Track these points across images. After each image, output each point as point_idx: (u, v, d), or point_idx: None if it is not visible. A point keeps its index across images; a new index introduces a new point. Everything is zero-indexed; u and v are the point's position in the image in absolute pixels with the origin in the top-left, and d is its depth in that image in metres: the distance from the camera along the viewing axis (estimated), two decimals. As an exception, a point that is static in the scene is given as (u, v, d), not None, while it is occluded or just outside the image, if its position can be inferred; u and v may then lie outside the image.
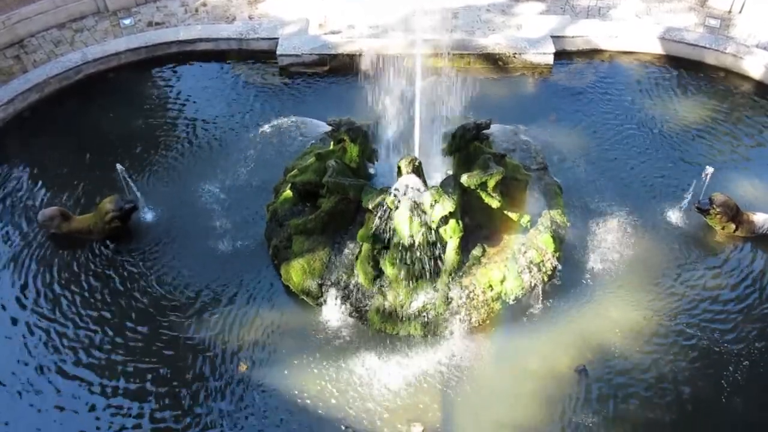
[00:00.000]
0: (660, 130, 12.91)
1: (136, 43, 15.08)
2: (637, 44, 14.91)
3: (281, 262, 10.00)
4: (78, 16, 16.05)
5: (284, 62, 14.57)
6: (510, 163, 10.49)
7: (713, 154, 12.37)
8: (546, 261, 9.78)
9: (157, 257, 10.63)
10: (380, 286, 9.35)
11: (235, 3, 16.61)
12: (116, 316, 9.78)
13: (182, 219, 11.21)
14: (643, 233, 10.79)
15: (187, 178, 12.00)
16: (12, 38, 15.22)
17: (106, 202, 10.65)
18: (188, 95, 14.15)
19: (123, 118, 13.44)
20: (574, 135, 12.65)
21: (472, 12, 16.12)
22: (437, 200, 8.95)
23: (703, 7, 15.95)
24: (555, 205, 10.61)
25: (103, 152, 12.41)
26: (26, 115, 13.68)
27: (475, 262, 9.60)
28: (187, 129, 13.18)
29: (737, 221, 10.57)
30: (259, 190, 11.48)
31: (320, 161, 10.33)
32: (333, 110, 11.68)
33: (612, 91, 13.98)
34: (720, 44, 14.52)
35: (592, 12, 15.94)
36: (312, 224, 9.85)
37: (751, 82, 14.13)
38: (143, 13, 16.22)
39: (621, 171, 12.00)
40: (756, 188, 11.65)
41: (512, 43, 14.61)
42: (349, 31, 15.38)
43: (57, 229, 10.83)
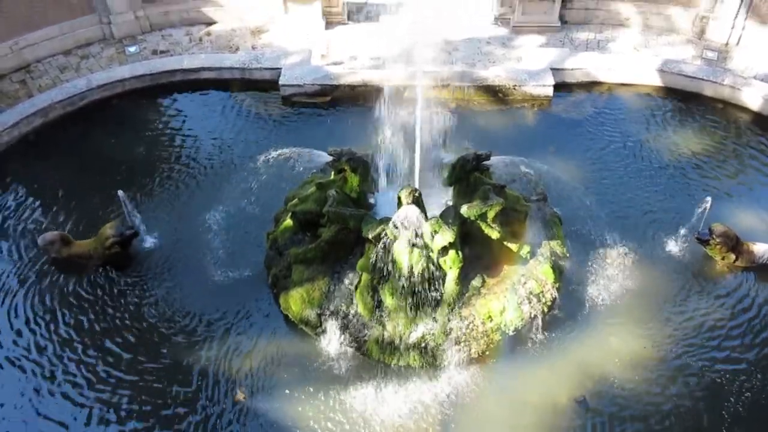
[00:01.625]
0: (659, 161, 12.99)
1: (141, 70, 15.25)
2: (635, 76, 15.07)
3: (280, 291, 10.00)
4: (84, 43, 16.28)
5: (286, 92, 14.72)
6: (510, 194, 10.54)
7: (712, 184, 12.44)
8: (546, 292, 9.78)
9: (156, 284, 10.63)
10: (379, 316, 9.34)
11: (239, 33, 16.82)
12: (114, 342, 9.75)
13: (182, 246, 11.23)
14: (642, 264, 10.80)
15: (187, 206, 12.05)
16: (19, 63, 15.42)
17: (107, 228, 10.69)
18: (191, 123, 14.27)
19: (126, 144, 13.54)
20: (574, 166, 12.72)
21: (472, 44, 16.31)
22: (437, 231, 8.98)
23: (700, 40, 16.15)
24: (555, 236, 10.63)
25: (105, 178, 12.49)
26: (31, 139, 13.81)
27: (475, 293, 9.60)
28: (189, 156, 13.27)
29: (737, 251, 10.59)
30: (259, 218, 11.52)
31: (321, 191, 10.38)
32: (334, 140, 11.77)
33: (611, 122, 14.09)
34: (718, 76, 14.68)
35: (591, 45, 16.13)
36: (312, 253, 9.86)
37: (749, 113, 14.26)
38: (149, 42, 16.43)
39: (620, 202, 12.05)
40: (755, 218, 11.69)
41: (512, 75, 14.76)
42: (351, 62, 15.56)
43: (57, 253, 10.85)
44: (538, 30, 16.72)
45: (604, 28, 16.79)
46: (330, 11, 17.03)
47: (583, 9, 16.80)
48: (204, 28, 17.04)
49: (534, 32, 16.71)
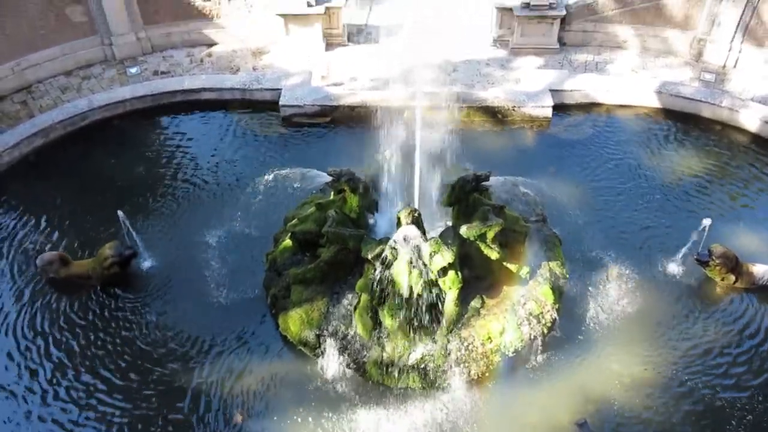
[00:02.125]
0: (658, 182, 13.01)
1: (142, 91, 15.33)
2: (634, 98, 15.14)
3: (279, 311, 9.97)
4: (85, 64, 16.39)
5: (286, 112, 14.78)
6: (509, 215, 10.55)
7: (711, 205, 12.45)
8: (545, 313, 9.76)
9: (154, 305, 10.60)
10: (379, 337, 9.31)
11: (240, 54, 16.94)
12: (112, 363, 9.71)
13: (181, 266, 11.21)
14: (642, 285, 10.77)
15: (187, 226, 12.05)
16: (20, 84, 15.52)
17: (106, 248, 10.68)
18: (191, 143, 14.32)
19: (126, 165, 13.58)
20: (573, 187, 12.74)
21: (471, 66, 16.42)
22: (436, 251, 8.98)
23: (698, 62, 16.26)
24: (554, 257, 10.63)
25: (105, 198, 12.50)
26: (31, 159, 13.85)
27: (474, 314, 9.58)
28: (189, 177, 13.29)
29: (737, 272, 10.57)
30: (258, 238, 11.51)
31: (320, 211, 10.39)
32: (334, 160, 11.80)
33: (610, 143, 14.14)
34: (716, 98, 14.75)
35: (590, 67, 16.24)
36: (311, 274, 9.85)
37: (747, 135, 14.31)
38: (150, 63, 16.54)
39: (620, 222, 12.06)
40: (754, 239, 11.68)
41: (511, 97, 14.83)
42: (351, 83, 15.65)
43: (56, 273, 10.83)
44: (537, 52, 16.84)
45: (603, 50, 16.90)
46: (330, 33, 17.16)
47: (581, 31, 16.94)
48: (205, 49, 17.16)
49: (532, 54, 16.83)
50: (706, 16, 15.79)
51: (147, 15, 16.58)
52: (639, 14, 16.41)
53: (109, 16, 16.06)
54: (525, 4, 16.30)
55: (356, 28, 18.22)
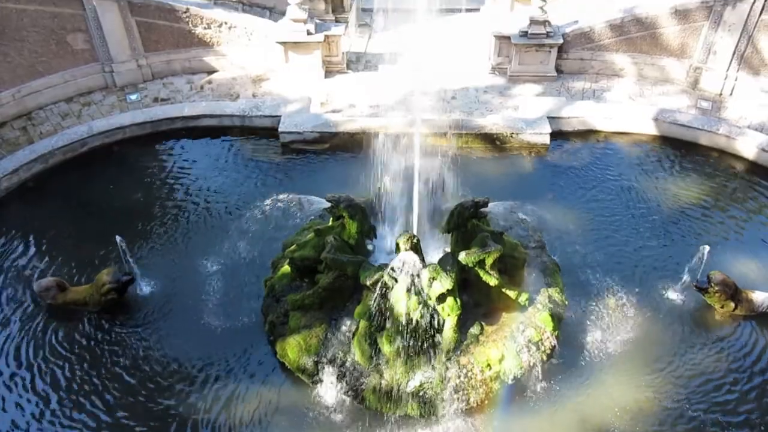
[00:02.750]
0: (656, 209, 13.03)
1: (141, 117, 15.40)
2: (631, 125, 15.23)
3: (277, 338, 9.91)
4: (86, 91, 16.50)
5: (286, 139, 14.84)
6: (508, 241, 10.54)
7: (710, 232, 12.46)
8: (545, 340, 9.71)
9: (151, 331, 10.54)
10: (377, 364, 9.24)
11: (240, 81, 17.06)
12: (108, 389, 9.61)
13: (179, 293, 11.17)
14: (641, 312, 10.73)
15: (185, 252, 12.03)
16: (20, 110, 15.59)
17: (104, 274, 10.65)
18: (190, 169, 14.35)
19: (124, 191, 13.59)
20: (571, 213, 12.76)
21: (470, 93, 16.54)
22: (435, 278, 8.96)
23: (694, 90, 16.39)
24: (553, 283, 10.60)
25: (103, 224, 12.47)
26: (30, 185, 13.86)
27: (473, 341, 9.52)
28: (188, 203, 13.30)
29: (736, 300, 10.55)
30: (257, 265, 11.49)
31: (319, 237, 10.39)
32: (333, 187, 11.80)
33: (608, 170, 14.19)
34: (712, 125, 14.84)
35: (587, 94, 16.36)
36: (309, 300, 9.82)
37: (744, 162, 14.37)
38: (150, 90, 16.65)
39: (618, 249, 12.04)
40: (753, 266, 11.67)
41: (509, 123, 14.91)
42: (350, 110, 15.74)
43: (53, 300, 10.79)
44: (535, 79, 16.98)
45: (600, 78, 17.04)
46: (330, 60, 17.30)
47: (579, 59, 17.10)
48: (205, 76, 17.28)
49: (530, 81, 16.96)
50: (701, 44, 15.96)
51: (148, 43, 16.74)
52: (635, 43, 16.58)
53: (110, 43, 16.21)
54: (523, 32, 16.47)
55: (356, 56, 18.39)
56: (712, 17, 15.49)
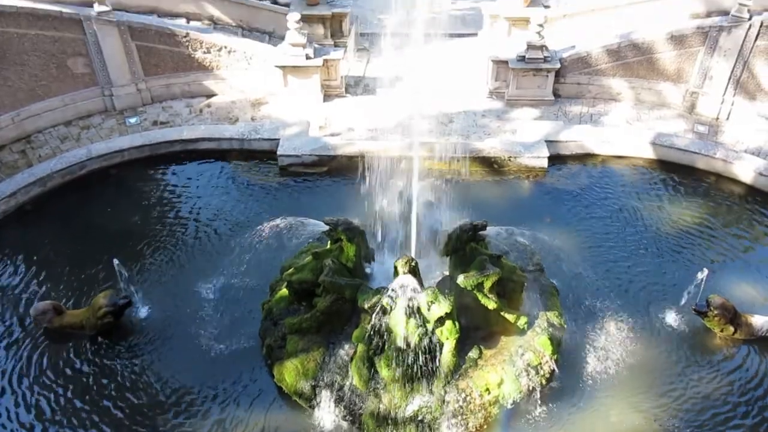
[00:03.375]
0: (654, 233, 13.04)
1: (140, 141, 15.44)
2: (629, 149, 15.29)
3: (274, 362, 9.85)
4: (85, 114, 16.57)
5: (284, 162, 14.88)
6: (506, 264, 10.52)
7: (708, 255, 12.45)
8: (544, 363, 9.65)
9: (148, 355, 10.46)
10: (375, 388, 9.17)
11: (239, 105, 17.14)
12: (104, 414, 9.52)
13: (176, 316, 11.11)
14: (640, 335, 10.69)
15: (183, 275, 11.99)
16: (19, 134, 15.64)
17: (101, 297, 10.60)
18: (188, 192, 14.36)
19: (123, 214, 13.58)
20: (570, 236, 12.76)
21: (468, 117, 16.62)
22: (433, 301, 8.92)
23: (691, 114, 16.49)
24: (552, 307, 10.56)
25: (100, 246, 12.44)
26: (28, 208, 13.83)
27: (472, 365, 9.46)
28: (186, 226, 13.29)
29: (736, 324, 10.51)
30: (254, 288, 11.45)
31: (317, 260, 10.36)
32: (331, 210, 11.81)
33: (606, 193, 14.21)
34: (709, 149, 14.90)
35: (585, 118, 16.45)
36: (307, 323, 9.77)
37: (741, 186, 14.40)
38: (149, 113, 16.72)
39: (617, 272, 12.03)
40: (752, 290, 11.65)
41: (507, 147, 14.97)
42: (348, 134, 15.80)
43: (49, 323, 10.73)
44: (532, 103, 17.08)
45: (597, 102, 17.15)
46: (329, 84, 17.41)
47: (576, 84, 17.21)
48: (204, 99, 17.37)
49: (528, 105, 17.06)
50: (698, 70, 16.09)
51: (148, 67, 16.84)
52: (632, 67, 16.71)
53: (110, 67, 16.30)
54: (520, 57, 16.60)
55: (354, 80, 18.51)
56: (707, 43, 15.63)
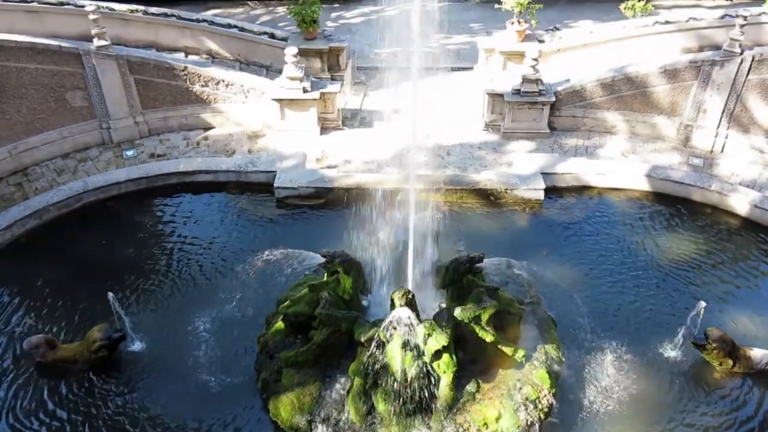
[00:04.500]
0: (651, 265, 13.02)
1: (137, 173, 15.46)
2: (624, 181, 15.35)
3: (270, 396, 9.74)
4: (83, 147, 16.59)
5: (281, 194, 14.89)
6: (503, 297, 10.48)
7: (705, 288, 12.43)
8: (542, 397, 9.56)
9: (142, 390, 10.34)
10: (372, 422, 9.06)
11: (236, 137, 17.21)
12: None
13: (171, 350, 11.01)
14: (639, 369, 10.61)
15: (178, 308, 11.90)
16: (16, 166, 15.64)
17: (95, 331, 10.52)
18: (185, 225, 14.33)
19: (118, 246, 13.53)
20: (566, 269, 12.73)
21: (464, 149, 16.69)
22: (430, 334, 8.87)
23: (686, 147, 16.59)
24: (549, 340, 10.51)
25: (96, 280, 12.37)
26: (23, 241, 13.77)
27: (470, 398, 9.37)
28: (182, 259, 13.24)
29: (734, 357, 10.45)
30: (250, 321, 11.37)
31: (313, 293, 10.31)
32: (328, 242, 11.79)
33: (602, 226, 14.22)
34: (704, 182, 14.96)
35: (580, 151, 16.54)
36: (303, 357, 9.69)
37: (737, 218, 14.42)
38: (146, 146, 16.76)
39: (614, 305, 11.98)
40: (750, 323, 11.60)
41: (504, 179, 15.01)
42: (345, 166, 15.85)
43: (42, 357, 10.63)
44: (528, 136, 17.17)
45: (592, 135, 17.25)
46: (325, 117, 17.51)
47: (571, 117, 17.34)
48: (202, 132, 17.43)
49: (524, 138, 17.15)
50: (691, 103, 16.23)
51: (146, 100, 16.93)
52: (626, 101, 16.86)
53: (108, 101, 16.38)
54: (515, 90, 16.74)
55: (351, 113, 18.62)
56: (700, 77, 15.80)
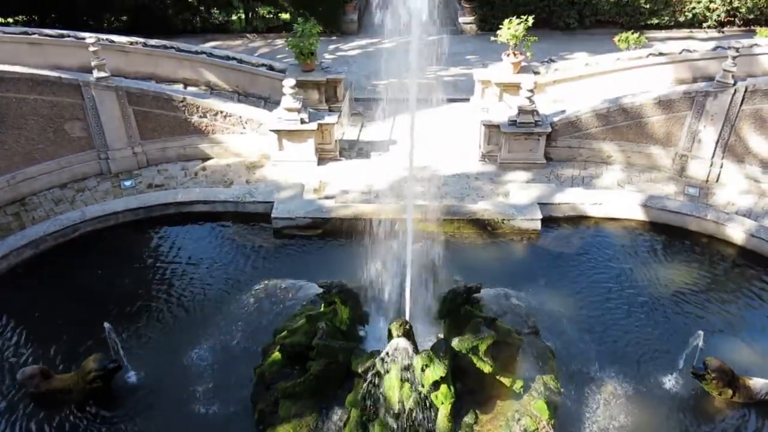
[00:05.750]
0: (648, 294, 13.00)
1: (135, 203, 15.48)
2: (621, 211, 15.40)
3: (267, 427, 9.65)
4: (81, 177, 16.63)
5: (278, 225, 14.90)
6: (501, 327, 10.44)
7: (703, 317, 12.40)
8: (541, 429, 9.47)
9: (138, 421, 10.25)
10: (369, 455, 8.98)
11: (234, 168, 17.27)
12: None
13: (166, 380, 10.93)
14: (638, 399, 10.55)
15: (175, 339, 11.84)
16: (14, 196, 15.65)
17: (90, 361, 10.45)
18: (182, 255, 14.32)
19: (114, 276, 13.50)
20: (564, 299, 12.71)
21: (461, 180, 16.77)
22: (428, 365, 8.82)
23: (681, 177, 16.67)
24: (548, 370, 10.45)
25: (92, 310, 12.31)
26: (19, 271, 13.73)
27: (468, 430, 9.29)
28: (179, 289, 13.20)
29: (734, 387, 10.40)
30: (247, 352, 11.30)
31: (310, 323, 10.28)
32: (325, 273, 11.78)
33: (599, 256, 14.24)
34: (701, 211, 15.02)
35: (577, 181, 16.62)
36: (300, 388, 9.62)
37: (734, 248, 14.44)
38: (144, 176, 16.82)
39: (612, 335, 11.94)
40: (748, 353, 11.56)
41: (500, 210, 15.06)
42: (342, 196, 15.89)
43: (36, 388, 10.53)
44: (524, 166, 17.26)
45: (588, 165, 17.35)
46: (323, 148, 17.60)
47: (567, 147, 17.45)
48: (200, 163, 17.50)
49: (520, 169, 17.24)
50: (686, 133, 16.36)
51: (145, 131, 17.01)
52: (622, 131, 16.99)
53: (107, 131, 16.47)
54: (512, 121, 16.87)
55: (348, 144, 18.72)
56: (694, 107, 15.95)
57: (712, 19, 27.30)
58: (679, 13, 27.49)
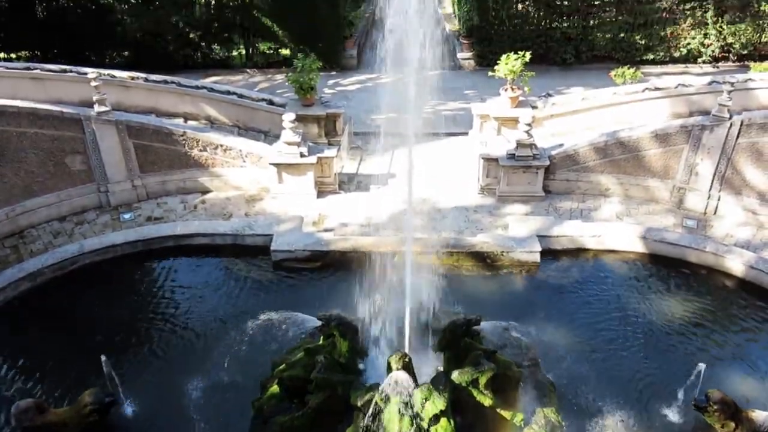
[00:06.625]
0: (648, 327, 12.95)
1: (134, 236, 15.49)
2: (620, 243, 15.41)
3: (265, 462, 9.54)
4: (80, 210, 16.67)
5: (277, 257, 14.90)
6: (501, 360, 10.39)
7: (704, 349, 12.33)
8: (542, 463, 9.37)
9: (133, 456, 10.14)
10: (368, 490, 8.85)
11: (233, 201, 17.32)
12: None
13: (163, 415, 10.83)
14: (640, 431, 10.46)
15: (172, 372, 11.74)
16: (13, 229, 15.66)
17: (86, 395, 10.36)
18: (180, 288, 14.29)
19: (112, 309, 13.43)
20: (564, 331, 12.65)
21: (460, 212, 16.81)
22: (427, 398, 8.75)
23: (679, 209, 16.73)
24: (548, 403, 10.37)
25: (89, 343, 12.26)
26: (16, 304, 13.67)
27: (468, 464, 9.19)
28: (176, 322, 13.14)
29: (737, 419, 10.28)
30: (245, 385, 11.19)
31: (309, 356, 10.22)
32: (324, 305, 11.76)
33: (599, 288, 14.21)
34: (699, 243, 15.04)
35: (575, 214, 16.66)
36: (299, 421, 9.52)
37: (733, 279, 14.43)
38: (144, 209, 16.85)
39: (613, 368, 11.86)
40: (750, 384, 11.48)
41: (499, 242, 15.08)
42: (341, 229, 15.91)
43: (31, 422, 10.37)
44: (523, 199, 17.32)
45: (587, 198, 17.42)
46: (322, 181, 17.68)
47: (565, 180, 17.54)
48: (200, 196, 17.55)
49: (519, 201, 17.30)
50: (683, 166, 16.45)
51: (144, 164, 17.10)
52: (620, 164, 17.09)
53: (107, 165, 16.55)
54: (510, 154, 16.98)
55: (348, 177, 18.81)
56: (691, 141, 16.08)
57: (707, 54, 27.66)
58: (674, 49, 27.88)
